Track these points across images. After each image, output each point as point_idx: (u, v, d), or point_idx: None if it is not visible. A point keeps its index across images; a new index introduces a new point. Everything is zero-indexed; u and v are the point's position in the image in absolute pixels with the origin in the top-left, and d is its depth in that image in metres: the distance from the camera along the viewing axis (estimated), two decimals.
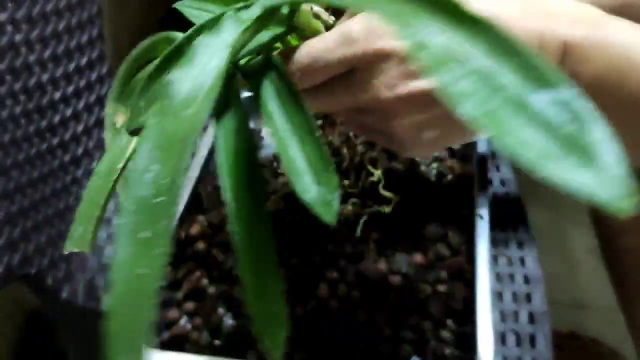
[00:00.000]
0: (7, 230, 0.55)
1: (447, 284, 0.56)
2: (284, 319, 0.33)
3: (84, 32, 0.69)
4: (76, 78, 0.68)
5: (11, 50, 0.58)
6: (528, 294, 0.59)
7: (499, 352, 0.55)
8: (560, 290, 1.12)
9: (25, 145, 0.60)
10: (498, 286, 0.59)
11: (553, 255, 1.17)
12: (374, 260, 0.57)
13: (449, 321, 0.55)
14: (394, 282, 0.56)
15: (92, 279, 0.64)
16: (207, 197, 0.64)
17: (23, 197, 0.58)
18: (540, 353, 0.55)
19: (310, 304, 0.56)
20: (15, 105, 0.59)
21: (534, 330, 0.56)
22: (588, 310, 1.10)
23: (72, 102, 0.68)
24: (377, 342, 0.54)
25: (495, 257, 0.62)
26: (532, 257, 0.61)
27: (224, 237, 0.62)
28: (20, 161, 0.58)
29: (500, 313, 0.58)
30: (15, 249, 0.56)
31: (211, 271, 0.61)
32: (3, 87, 0.57)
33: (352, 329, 0.55)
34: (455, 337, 0.54)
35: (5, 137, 0.57)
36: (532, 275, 0.60)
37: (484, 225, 0.58)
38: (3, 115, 0.57)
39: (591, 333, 1.04)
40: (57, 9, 0.64)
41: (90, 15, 0.70)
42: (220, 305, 0.59)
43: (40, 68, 0.62)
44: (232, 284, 0.59)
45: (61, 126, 0.66)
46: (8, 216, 0.56)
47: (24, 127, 0.60)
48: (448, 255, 0.58)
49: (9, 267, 0.55)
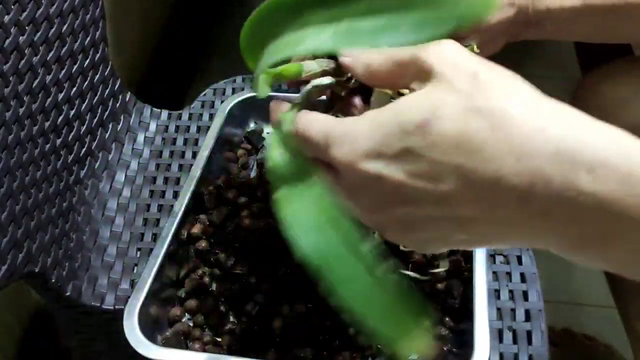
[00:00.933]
0: (11, 229, 0.56)
1: (445, 282, 0.57)
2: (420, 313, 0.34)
3: (88, 34, 0.69)
4: (80, 79, 0.69)
5: (15, 51, 0.59)
6: (524, 291, 0.60)
7: (495, 348, 0.56)
8: (556, 288, 1.13)
9: (29, 145, 0.60)
10: (495, 284, 0.60)
11: (549, 254, 1.18)
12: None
13: (446, 318, 0.56)
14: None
15: (96, 277, 0.65)
16: (209, 197, 0.65)
17: (27, 197, 0.59)
18: (537, 350, 0.56)
19: (310, 302, 0.57)
20: (19, 106, 0.59)
21: (531, 327, 0.57)
22: (583, 308, 1.11)
23: (76, 103, 0.69)
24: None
25: (492, 256, 0.62)
26: (529, 255, 0.62)
27: (225, 236, 0.63)
28: (24, 161, 0.59)
29: (497, 310, 0.58)
30: (19, 248, 0.57)
31: (213, 270, 0.62)
32: (7, 88, 0.57)
33: (352, 326, 0.55)
34: (453, 334, 0.55)
35: (9, 138, 0.57)
36: (529, 274, 0.61)
37: None
38: (7, 116, 0.57)
39: (586, 330, 1.04)
40: (61, 11, 0.65)
41: (94, 17, 0.70)
42: (222, 303, 0.60)
43: (44, 69, 0.63)
44: (233, 282, 0.60)
45: (65, 127, 0.67)
46: (12, 215, 0.56)
47: (27, 127, 0.60)
48: (446, 254, 0.59)
49: (13, 266, 0.56)
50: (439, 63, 0.31)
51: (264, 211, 0.63)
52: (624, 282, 0.69)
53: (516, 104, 0.29)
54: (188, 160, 0.75)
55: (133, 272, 0.66)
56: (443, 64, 0.31)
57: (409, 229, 0.33)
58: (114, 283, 0.65)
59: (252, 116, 0.76)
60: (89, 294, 0.64)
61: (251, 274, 0.60)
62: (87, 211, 0.69)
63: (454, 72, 0.30)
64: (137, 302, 0.54)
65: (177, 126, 0.79)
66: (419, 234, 0.33)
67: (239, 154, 0.74)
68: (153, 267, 0.57)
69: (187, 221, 0.63)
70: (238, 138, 0.75)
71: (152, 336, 0.53)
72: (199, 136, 0.77)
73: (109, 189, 0.72)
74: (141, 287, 0.55)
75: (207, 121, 0.79)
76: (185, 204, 0.63)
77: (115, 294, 0.64)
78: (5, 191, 0.56)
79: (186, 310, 0.60)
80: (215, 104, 0.81)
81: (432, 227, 0.32)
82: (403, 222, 0.33)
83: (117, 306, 0.63)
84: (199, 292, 0.60)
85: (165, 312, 0.58)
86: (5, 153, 0.57)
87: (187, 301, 0.60)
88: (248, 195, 0.66)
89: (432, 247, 0.35)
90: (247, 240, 0.61)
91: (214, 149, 0.68)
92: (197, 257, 0.63)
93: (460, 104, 0.29)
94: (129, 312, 0.53)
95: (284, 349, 0.55)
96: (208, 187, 0.66)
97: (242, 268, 0.60)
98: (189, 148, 0.76)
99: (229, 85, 0.83)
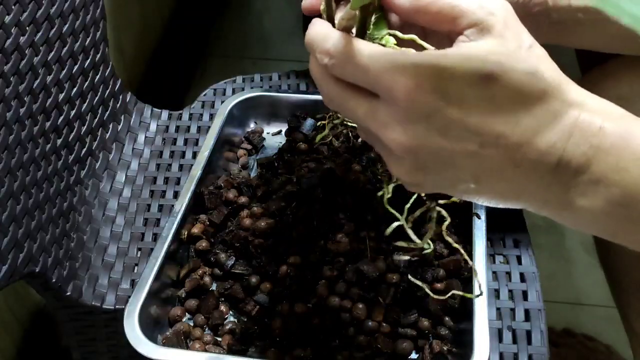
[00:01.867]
0: (12, 229, 0.56)
1: (445, 282, 0.57)
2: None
3: (88, 34, 0.69)
4: (80, 79, 0.69)
5: (16, 52, 0.59)
6: (524, 291, 0.60)
7: (495, 348, 0.56)
8: (556, 288, 1.13)
9: (30, 145, 0.60)
10: (495, 284, 0.60)
11: (549, 254, 1.18)
12: (373, 258, 0.58)
13: (446, 318, 0.56)
14: (392, 280, 0.57)
15: (96, 277, 0.65)
16: (209, 197, 0.65)
17: (28, 197, 0.59)
18: (536, 350, 0.56)
19: (310, 301, 0.57)
20: (20, 106, 0.59)
21: (530, 327, 0.57)
22: (583, 308, 1.11)
23: (76, 103, 0.69)
24: (376, 339, 0.54)
25: (492, 256, 0.63)
26: (528, 255, 0.62)
27: (225, 236, 0.63)
28: (25, 161, 0.59)
29: (496, 310, 0.58)
30: (19, 248, 0.57)
31: (213, 270, 0.62)
32: (8, 88, 0.57)
33: (351, 326, 0.55)
34: (453, 334, 0.55)
35: (10, 138, 0.57)
36: (528, 274, 0.61)
37: (481, 224, 0.59)
38: (8, 116, 0.57)
39: (586, 330, 1.05)
40: (61, 11, 0.65)
41: (94, 18, 0.70)
42: (222, 303, 0.60)
43: (44, 70, 0.63)
44: (233, 282, 0.60)
45: (65, 127, 0.67)
46: (13, 215, 0.56)
47: (28, 127, 0.60)
48: (446, 254, 0.59)
49: (14, 266, 0.56)
50: (502, 25, 0.34)
51: (264, 211, 0.63)
52: (624, 282, 0.69)
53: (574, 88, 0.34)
54: (188, 160, 0.75)
55: (133, 272, 0.66)
56: (505, 27, 0.34)
57: (436, 164, 0.35)
58: (114, 283, 0.65)
59: (252, 116, 0.77)
60: (89, 294, 0.64)
61: (251, 274, 0.60)
62: (88, 211, 0.69)
63: (515, 40, 0.33)
64: (138, 302, 0.54)
65: (178, 126, 0.79)
66: (441, 174, 0.35)
67: (239, 154, 0.74)
68: (153, 267, 0.57)
69: (187, 221, 0.63)
70: (238, 138, 0.75)
71: (152, 336, 0.53)
72: (199, 136, 0.77)
73: (110, 189, 0.72)
74: (141, 287, 0.55)
75: (207, 121, 0.79)
76: (185, 204, 0.63)
77: (116, 294, 0.64)
78: (6, 191, 0.56)
79: (186, 310, 0.60)
80: (216, 104, 0.81)
81: (453, 169, 0.35)
82: (433, 156, 0.34)
83: (118, 306, 0.63)
84: (199, 292, 0.61)
85: (165, 312, 0.59)
86: (6, 153, 0.57)
87: (187, 301, 0.60)
88: (248, 195, 0.66)
89: (440, 188, 0.37)
90: (247, 240, 0.61)
91: (214, 149, 0.68)
92: (197, 257, 0.63)
93: (522, 68, 0.32)
94: (130, 312, 0.53)
95: (284, 349, 0.55)
96: (208, 187, 0.66)
97: (242, 268, 0.60)
98: (189, 148, 0.77)
99: (229, 85, 0.83)
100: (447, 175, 0.35)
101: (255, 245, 0.60)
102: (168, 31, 1.43)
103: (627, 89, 0.59)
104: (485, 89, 0.32)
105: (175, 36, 1.45)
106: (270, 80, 0.82)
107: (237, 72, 0.89)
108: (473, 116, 0.33)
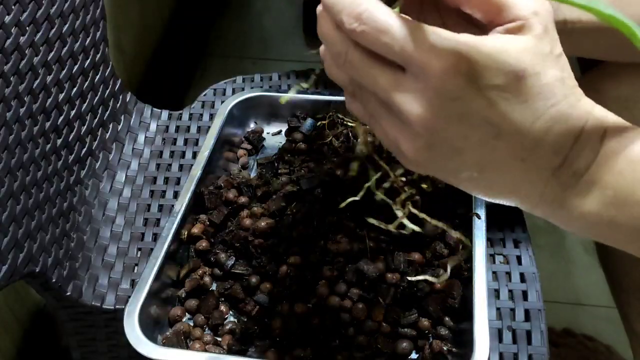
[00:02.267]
0: (12, 229, 0.56)
1: (445, 282, 0.57)
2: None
3: (88, 34, 0.69)
4: (80, 79, 0.69)
5: (16, 52, 0.59)
6: (524, 291, 0.60)
7: (495, 348, 0.56)
8: (556, 288, 1.13)
9: (30, 145, 0.60)
10: (495, 284, 0.60)
11: (549, 254, 1.18)
12: (373, 258, 0.58)
13: (446, 318, 0.56)
14: (392, 279, 0.57)
15: (96, 277, 0.65)
16: (209, 197, 0.65)
17: (28, 197, 0.59)
18: (536, 350, 0.56)
19: (310, 301, 0.57)
20: (20, 106, 0.59)
21: (530, 327, 0.57)
22: (583, 308, 1.11)
23: (76, 103, 0.69)
24: (376, 339, 0.54)
25: (492, 256, 0.63)
26: (528, 255, 0.62)
27: (225, 236, 0.63)
28: (25, 161, 0.59)
29: (497, 310, 0.59)
30: (20, 248, 0.57)
31: (213, 270, 0.62)
32: (8, 88, 0.57)
33: (351, 326, 0.55)
34: (453, 334, 0.55)
35: (10, 138, 0.57)
36: (528, 274, 0.61)
37: (481, 225, 0.59)
38: (8, 116, 0.57)
39: (586, 330, 1.05)
40: (62, 11, 0.65)
41: (94, 18, 0.70)
42: (222, 303, 0.60)
43: (44, 70, 0.63)
44: (233, 282, 0.60)
45: (65, 127, 0.67)
46: (13, 215, 0.56)
47: (28, 127, 0.60)
48: (446, 254, 0.59)
49: (14, 266, 0.56)
50: (542, 28, 0.35)
51: (264, 211, 0.63)
52: (624, 282, 0.69)
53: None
54: (188, 160, 0.75)
55: (133, 272, 0.66)
56: (545, 30, 0.35)
57: (447, 147, 0.35)
58: (114, 283, 0.65)
59: (252, 116, 0.77)
60: (89, 293, 0.64)
61: (251, 274, 0.60)
62: (88, 211, 0.69)
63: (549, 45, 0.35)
64: (138, 302, 0.54)
65: (178, 126, 0.79)
66: (448, 157, 0.36)
67: (239, 154, 0.74)
68: (153, 267, 0.57)
69: (187, 221, 0.63)
70: (238, 138, 0.75)
71: (152, 336, 0.53)
72: (199, 136, 0.78)
73: (110, 189, 0.72)
74: (141, 287, 0.55)
75: (207, 121, 0.79)
76: (185, 204, 0.63)
77: (116, 294, 0.64)
78: (6, 191, 0.56)
79: (186, 310, 0.60)
80: (216, 104, 0.81)
81: (462, 155, 0.36)
82: (448, 138, 0.35)
83: (118, 306, 0.63)
84: (199, 292, 0.61)
85: (165, 312, 0.59)
86: (6, 153, 0.57)
87: (187, 301, 0.60)
88: (248, 195, 0.66)
89: (441, 172, 0.38)
90: (247, 240, 0.61)
91: (214, 149, 0.68)
92: (197, 257, 0.63)
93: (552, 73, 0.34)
94: (130, 312, 0.53)
95: (284, 349, 0.55)
96: (208, 187, 0.66)
97: (242, 268, 0.60)
98: (189, 148, 0.77)
99: (229, 85, 0.83)
100: (454, 159, 0.36)
101: (255, 245, 0.60)
102: (168, 31, 1.43)
103: (627, 89, 0.59)
104: (515, 84, 0.33)
105: (175, 36, 1.45)
106: (270, 80, 0.82)
107: (237, 72, 0.89)
108: (496, 107, 0.34)
